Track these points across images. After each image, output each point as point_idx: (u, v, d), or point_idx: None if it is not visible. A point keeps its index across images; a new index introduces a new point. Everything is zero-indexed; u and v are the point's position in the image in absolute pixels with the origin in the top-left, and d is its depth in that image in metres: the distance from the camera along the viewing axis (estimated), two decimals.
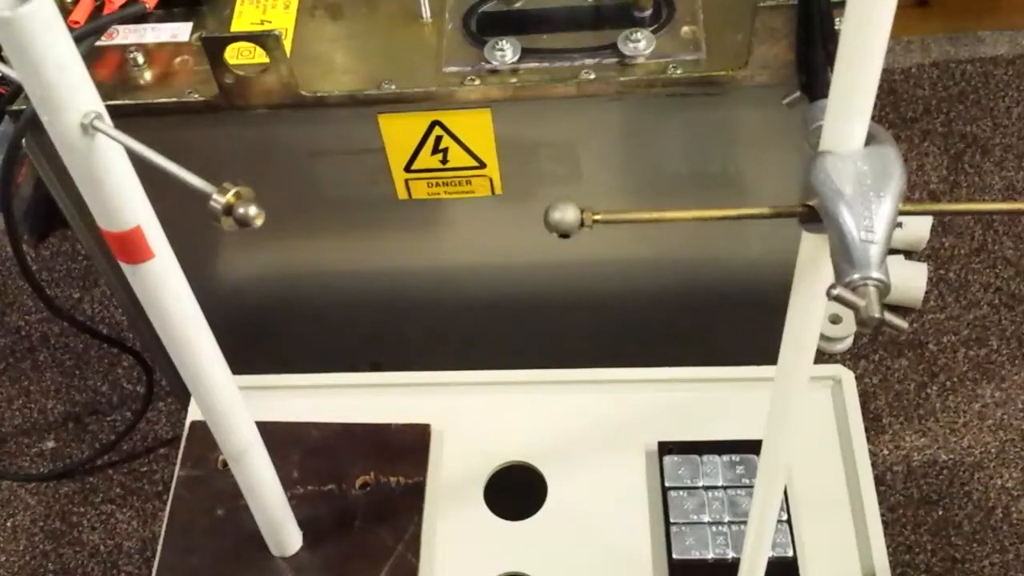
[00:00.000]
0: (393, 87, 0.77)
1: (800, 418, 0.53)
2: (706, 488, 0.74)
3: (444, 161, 0.82)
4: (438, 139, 0.80)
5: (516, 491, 0.78)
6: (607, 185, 0.85)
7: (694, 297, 0.96)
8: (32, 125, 0.76)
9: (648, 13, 0.78)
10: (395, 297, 0.97)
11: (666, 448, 0.76)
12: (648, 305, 0.97)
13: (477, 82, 0.76)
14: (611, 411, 0.80)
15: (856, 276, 0.34)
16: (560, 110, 0.79)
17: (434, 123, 0.79)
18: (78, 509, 1.20)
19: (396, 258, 0.94)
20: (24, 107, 0.77)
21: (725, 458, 0.76)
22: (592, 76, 0.75)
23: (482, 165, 0.82)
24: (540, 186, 0.85)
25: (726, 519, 0.73)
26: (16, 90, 0.77)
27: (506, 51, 0.76)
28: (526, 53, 0.77)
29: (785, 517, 0.72)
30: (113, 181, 0.46)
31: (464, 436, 0.79)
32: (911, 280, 1.26)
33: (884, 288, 0.34)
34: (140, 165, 0.46)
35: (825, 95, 0.36)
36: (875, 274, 0.34)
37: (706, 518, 0.73)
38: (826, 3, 0.65)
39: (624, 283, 0.96)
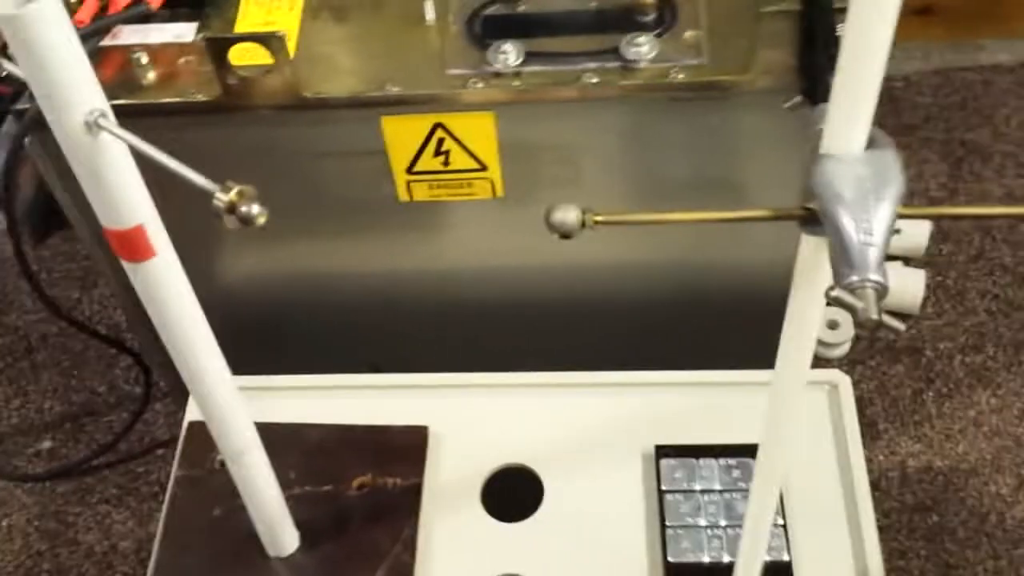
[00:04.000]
0: (396, 89, 0.77)
1: (797, 423, 0.53)
2: (702, 492, 0.75)
3: (446, 163, 0.82)
4: (440, 141, 0.80)
5: (513, 494, 0.78)
6: (609, 189, 0.86)
7: (693, 301, 0.97)
8: (35, 125, 0.76)
9: (651, 17, 0.78)
10: (395, 299, 0.97)
11: (663, 451, 0.76)
12: (647, 309, 0.97)
13: (480, 85, 0.77)
14: (608, 414, 0.80)
15: (855, 278, 0.34)
16: (562, 113, 0.79)
17: (436, 125, 0.79)
18: (74, 509, 1.20)
19: (397, 260, 0.94)
20: (27, 106, 0.77)
21: (722, 462, 0.76)
22: (595, 80, 0.76)
23: (484, 168, 0.83)
24: (541, 189, 0.85)
25: (722, 523, 0.73)
26: (20, 90, 0.78)
27: (509, 54, 0.77)
28: (529, 56, 0.77)
29: (781, 521, 0.72)
30: (116, 179, 0.46)
31: (462, 438, 0.79)
32: (909, 286, 1.26)
33: (882, 290, 0.34)
34: (143, 164, 0.46)
35: (826, 99, 0.37)
36: (873, 276, 0.34)
37: (702, 521, 0.73)
38: (829, 8, 0.66)
39: (623, 286, 0.96)
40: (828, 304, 0.38)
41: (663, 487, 0.75)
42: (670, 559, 0.72)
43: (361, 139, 0.81)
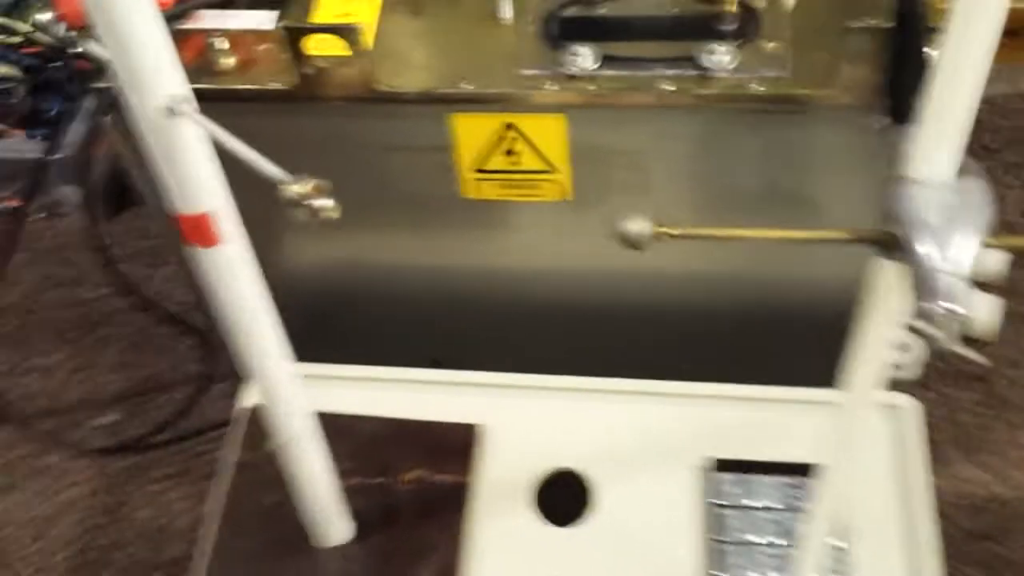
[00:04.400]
0: (469, 87, 0.77)
1: (863, 445, 0.52)
2: (757, 508, 0.73)
3: (514, 163, 0.82)
4: (511, 141, 0.80)
5: (563, 498, 0.78)
6: (678, 197, 0.85)
7: (755, 314, 0.95)
8: (115, 104, 0.77)
9: (732, 26, 0.77)
10: (458, 295, 0.97)
11: (718, 465, 0.75)
12: (707, 319, 0.96)
13: (554, 87, 0.76)
14: (664, 424, 0.79)
15: (936, 308, 0.33)
16: (636, 120, 0.78)
17: (507, 125, 0.79)
18: (131, 486, 1.21)
19: (461, 257, 0.94)
20: (107, 85, 0.78)
21: (778, 479, 0.74)
22: (671, 87, 0.75)
23: (553, 170, 0.82)
24: (610, 194, 0.84)
25: (776, 541, 0.72)
26: (100, 67, 0.79)
27: (585, 57, 0.76)
28: (605, 60, 0.76)
29: (841, 544, 0.71)
30: (191, 165, 0.47)
31: (515, 439, 0.79)
32: (984, 313, 1.23)
33: (965, 322, 0.33)
34: (216, 149, 0.47)
35: (911, 121, 0.35)
36: (956, 307, 0.33)
37: (755, 538, 0.72)
38: (921, 26, 0.64)
39: (684, 296, 0.95)
40: (906, 331, 0.37)
41: (716, 501, 0.74)
42: (716, 574, 0.71)
43: (431, 135, 0.81)
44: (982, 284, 1.30)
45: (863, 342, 0.45)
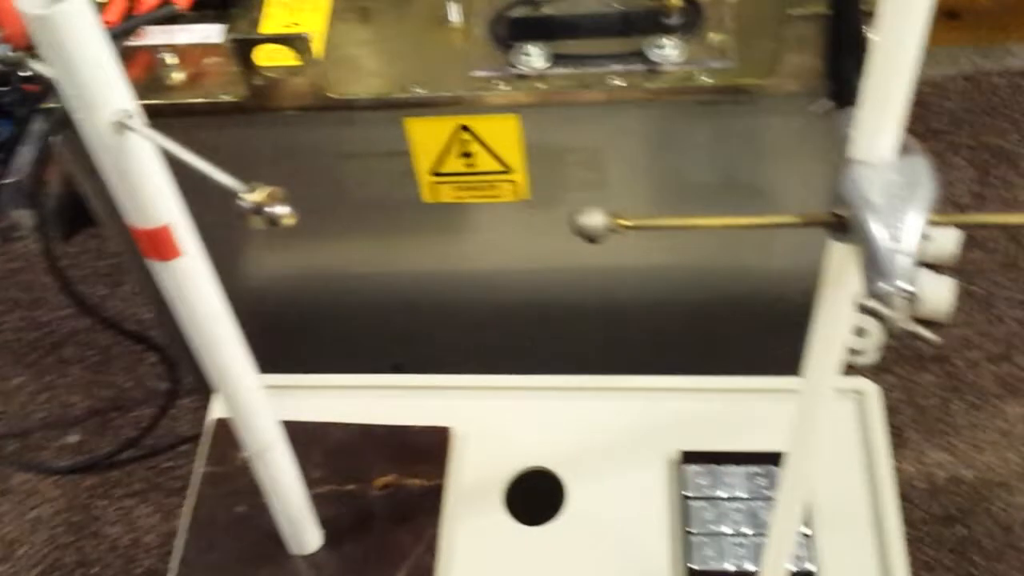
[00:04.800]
0: (421, 91, 0.77)
1: (824, 431, 0.52)
2: (727, 499, 0.74)
3: (470, 165, 0.82)
4: (465, 143, 0.80)
5: (535, 496, 0.78)
6: (634, 192, 0.85)
7: (718, 306, 0.96)
8: (63, 123, 0.77)
9: (676, 20, 0.78)
10: (420, 300, 0.97)
11: (687, 457, 0.76)
12: (671, 313, 0.97)
13: (505, 87, 0.76)
14: (633, 419, 0.80)
15: (885, 286, 0.34)
16: (587, 116, 0.79)
17: (461, 127, 0.79)
18: (100, 503, 1.20)
19: (420, 261, 0.94)
20: (56, 105, 0.77)
21: (746, 469, 0.75)
22: (620, 82, 0.75)
23: (508, 170, 0.82)
24: (565, 192, 0.85)
25: (746, 531, 0.73)
26: (48, 88, 0.78)
27: (534, 56, 0.76)
28: (554, 59, 0.77)
29: (806, 530, 0.72)
30: (144, 179, 0.47)
31: (485, 440, 0.79)
32: (938, 294, 1.25)
33: (913, 299, 0.34)
34: (170, 164, 0.46)
35: (854, 103, 0.36)
36: (904, 285, 0.34)
37: (726, 529, 0.73)
38: (856, 11, 0.65)
39: (647, 290, 0.95)
40: (858, 312, 0.37)
41: (687, 493, 0.74)
42: (693, 566, 0.71)
43: (386, 140, 0.81)
44: (937, 267, 1.32)
45: (820, 325, 0.46)
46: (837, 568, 0.71)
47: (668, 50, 0.75)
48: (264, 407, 0.62)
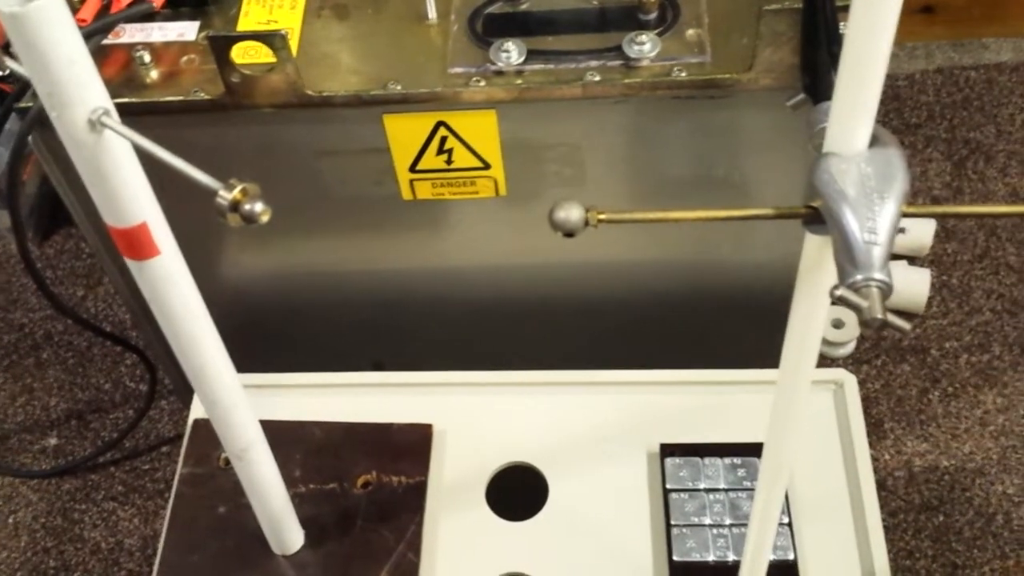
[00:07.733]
0: (398, 88, 0.77)
1: (802, 422, 0.53)
2: (707, 490, 0.74)
3: (449, 162, 0.82)
4: (443, 140, 0.80)
5: (518, 492, 0.78)
6: (612, 187, 0.86)
7: (698, 300, 0.97)
8: (38, 123, 0.76)
9: (653, 16, 0.78)
10: (399, 297, 0.97)
11: (668, 450, 0.76)
12: (652, 308, 0.97)
13: (482, 83, 0.76)
14: (613, 413, 0.80)
15: (859, 277, 0.34)
16: (565, 112, 0.79)
17: (439, 124, 0.79)
18: (80, 506, 1.20)
19: (400, 258, 0.94)
20: (31, 104, 0.77)
21: (727, 461, 0.76)
22: (597, 78, 0.76)
23: (487, 166, 0.83)
24: (544, 187, 0.85)
25: (727, 522, 0.73)
26: (23, 87, 0.78)
27: (511, 52, 0.76)
28: (531, 55, 0.77)
29: (786, 520, 0.72)
30: (120, 177, 0.46)
31: (466, 436, 0.79)
32: (914, 285, 1.26)
33: (887, 289, 0.34)
34: (147, 164, 0.46)
35: (829, 97, 0.36)
36: (878, 275, 0.34)
37: (707, 520, 0.73)
38: (831, 5, 0.65)
39: (628, 285, 0.96)
40: (833, 303, 0.38)
41: (668, 485, 0.75)
42: (675, 558, 0.72)
43: (364, 138, 0.81)
44: (913, 259, 1.33)
45: (796, 318, 0.47)
46: (817, 557, 0.72)
47: (645, 46, 0.76)
48: (243, 407, 0.62)
